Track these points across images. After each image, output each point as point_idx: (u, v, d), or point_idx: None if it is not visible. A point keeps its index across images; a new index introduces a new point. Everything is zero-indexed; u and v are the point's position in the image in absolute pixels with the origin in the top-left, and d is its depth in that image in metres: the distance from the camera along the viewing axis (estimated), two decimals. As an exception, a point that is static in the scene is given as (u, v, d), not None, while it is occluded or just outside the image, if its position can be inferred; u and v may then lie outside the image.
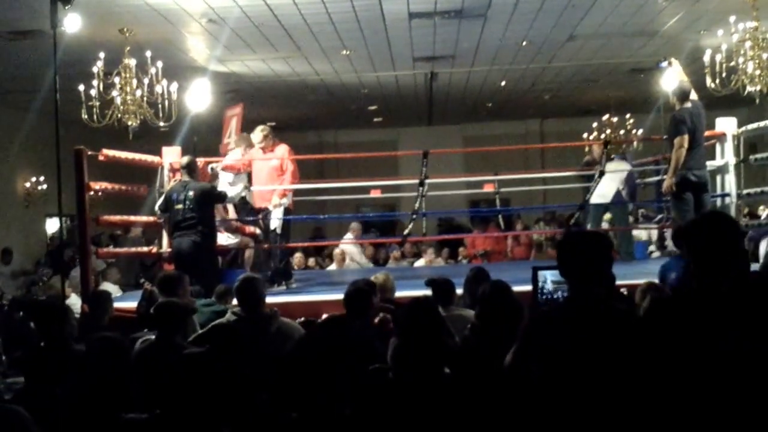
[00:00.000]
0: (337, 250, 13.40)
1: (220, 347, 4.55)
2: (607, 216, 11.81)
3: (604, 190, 10.56)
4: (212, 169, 9.77)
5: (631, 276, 8.13)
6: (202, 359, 3.77)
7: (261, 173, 9.56)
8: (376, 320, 5.63)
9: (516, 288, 4.98)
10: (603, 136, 17.55)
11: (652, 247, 12.77)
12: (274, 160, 9.41)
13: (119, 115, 11.27)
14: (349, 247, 13.40)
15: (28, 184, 17.91)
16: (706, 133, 9.01)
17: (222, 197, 8.80)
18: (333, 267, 13.27)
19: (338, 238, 16.68)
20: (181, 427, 3.46)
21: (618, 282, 6.54)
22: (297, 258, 12.93)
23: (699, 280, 2.96)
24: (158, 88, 11.23)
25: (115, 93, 11.17)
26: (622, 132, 18.29)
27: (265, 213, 9.52)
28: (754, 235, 10.54)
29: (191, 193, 8.35)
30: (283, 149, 9.54)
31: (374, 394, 3.93)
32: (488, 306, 4.76)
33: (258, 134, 9.48)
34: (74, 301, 9.11)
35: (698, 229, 3.07)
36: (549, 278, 4.65)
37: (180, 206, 8.36)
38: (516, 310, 4.67)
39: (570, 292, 3.33)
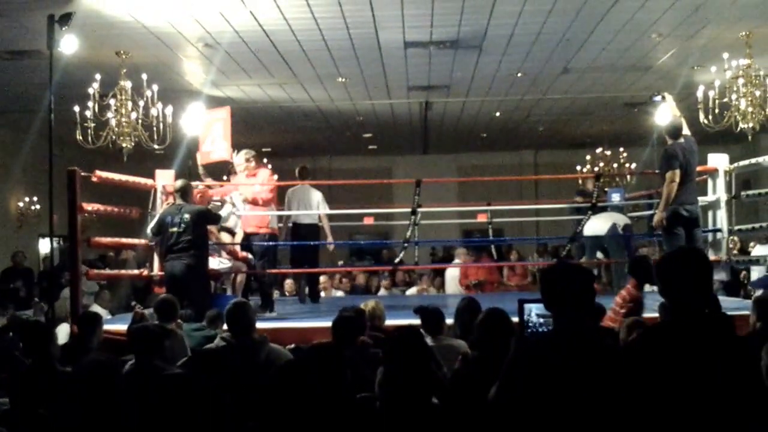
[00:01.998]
0: (323, 279, 13.32)
1: (206, 372, 4.53)
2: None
3: (599, 225, 10.57)
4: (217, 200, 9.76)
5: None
6: (181, 381, 3.76)
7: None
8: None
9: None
10: (596, 169, 17.61)
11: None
12: (257, 186, 9.45)
13: (114, 137, 11.28)
14: (453, 272, 13.42)
15: (21, 204, 17.88)
16: (698, 169, 9.03)
17: (217, 219, 8.78)
18: (322, 294, 13.21)
19: (330, 265, 16.62)
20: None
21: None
22: (288, 284, 12.90)
23: (671, 312, 3.02)
24: (153, 111, 11.25)
25: (110, 115, 11.18)
26: (615, 165, 18.37)
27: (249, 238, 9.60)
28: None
29: (187, 216, 8.29)
30: (264, 174, 9.59)
31: (362, 422, 3.92)
32: (484, 332, 4.78)
33: (240, 158, 9.54)
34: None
35: (669, 264, 3.12)
36: (534, 311, 4.64)
37: (175, 229, 8.28)
38: (512, 337, 4.67)
39: (555, 325, 3.33)
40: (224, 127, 9.99)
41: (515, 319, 5.03)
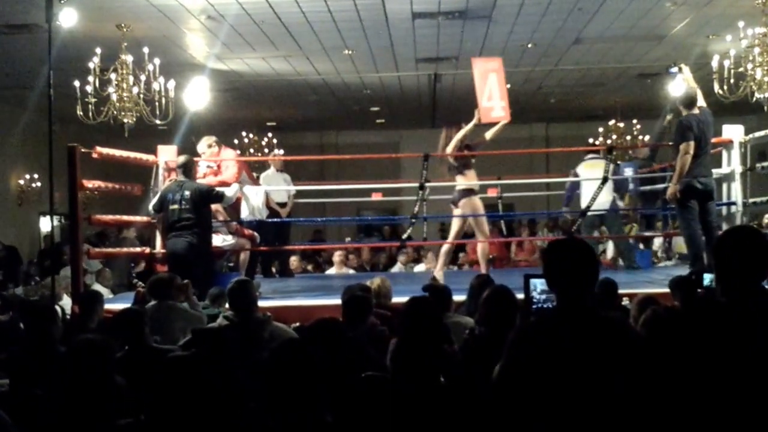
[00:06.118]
0: (338, 254, 13.14)
1: (209, 351, 4.41)
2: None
3: (603, 199, 10.39)
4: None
5: (634, 285, 8.06)
6: (182, 361, 3.63)
7: None
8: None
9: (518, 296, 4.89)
10: (609, 141, 17.41)
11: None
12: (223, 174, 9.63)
13: (115, 113, 11.14)
14: None
15: (21, 182, 17.76)
16: (713, 140, 8.83)
17: (219, 198, 8.62)
18: (332, 271, 13.04)
19: (339, 241, 16.53)
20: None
21: (621, 291, 6.51)
22: (293, 261, 12.72)
23: (723, 292, 2.92)
24: (155, 86, 11.08)
25: (111, 89, 11.04)
26: (628, 138, 18.16)
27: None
28: None
29: (187, 193, 8.20)
30: (229, 154, 9.91)
31: (367, 401, 3.79)
32: (488, 310, 4.69)
33: (203, 145, 9.64)
34: (66, 302, 8.94)
35: (726, 241, 3.04)
36: (539, 287, 4.53)
37: (176, 206, 8.21)
38: (516, 315, 4.56)
39: (557, 303, 3.28)
40: (499, 81, 9.04)
41: (521, 296, 4.91)
